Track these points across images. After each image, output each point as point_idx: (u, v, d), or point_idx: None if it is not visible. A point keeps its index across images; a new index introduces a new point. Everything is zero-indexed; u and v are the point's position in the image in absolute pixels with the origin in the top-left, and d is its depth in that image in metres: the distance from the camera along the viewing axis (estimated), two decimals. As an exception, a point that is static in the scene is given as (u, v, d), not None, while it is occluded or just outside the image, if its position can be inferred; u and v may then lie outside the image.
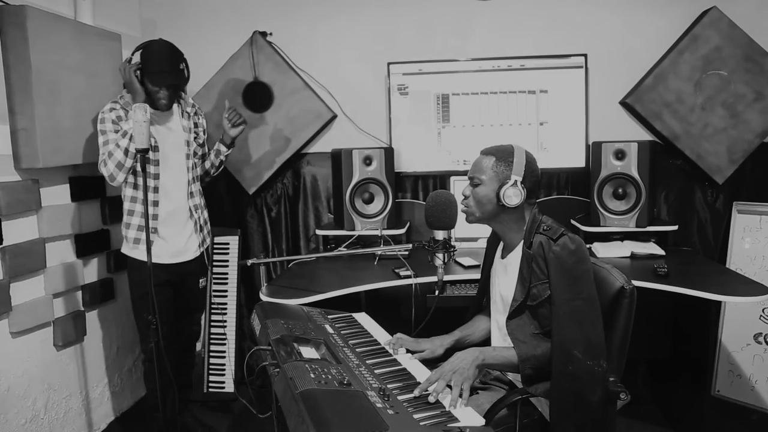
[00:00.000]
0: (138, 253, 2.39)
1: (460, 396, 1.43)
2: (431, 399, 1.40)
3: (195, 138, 2.52)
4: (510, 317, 1.64)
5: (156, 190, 2.37)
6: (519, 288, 1.63)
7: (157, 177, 2.37)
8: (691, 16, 2.90)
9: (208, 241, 2.60)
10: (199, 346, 2.91)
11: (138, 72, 2.26)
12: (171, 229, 2.42)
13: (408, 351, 1.75)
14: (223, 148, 2.62)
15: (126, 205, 2.38)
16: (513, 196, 1.63)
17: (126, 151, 2.21)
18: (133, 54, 2.30)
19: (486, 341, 1.89)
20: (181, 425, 2.60)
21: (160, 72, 2.26)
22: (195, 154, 2.52)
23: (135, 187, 2.36)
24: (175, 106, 2.43)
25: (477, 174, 1.70)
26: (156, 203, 2.37)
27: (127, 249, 2.42)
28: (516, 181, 1.63)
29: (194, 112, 2.53)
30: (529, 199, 1.67)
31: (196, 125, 2.54)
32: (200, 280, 2.59)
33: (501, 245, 1.81)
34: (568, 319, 1.52)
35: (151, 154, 2.32)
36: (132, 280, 2.45)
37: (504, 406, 1.58)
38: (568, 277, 1.55)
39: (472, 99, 3.02)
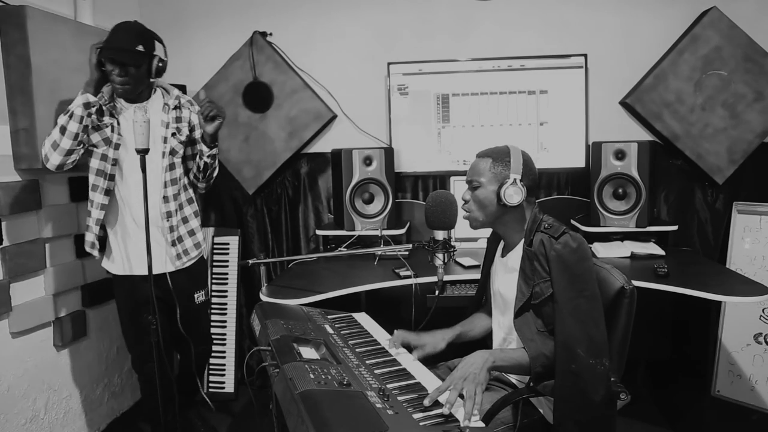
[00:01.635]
0: (111, 266, 2.26)
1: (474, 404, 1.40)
2: (445, 411, 1.34)
3: (175, 134, 2.24)
4: (516, 315, 1.64)
5: (106, 192, 2.17)
6: (522, 286, 1.64)
7: (111, 178, 2.17)
8: (691, 16, 2.90)
9: (193, 254, 2.34)
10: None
11: (98, 50, 2.08)
12: (135, 236, 2.19)
13: (409, 346, 1.75)
14: (204, 148, 2.25)
15: (88, 205, 2.23)
16: (514, 194, 1.63)
17: (63, 129, 2.02)
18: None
19: (486, 337, 1.90)
20: (182, 425, 2.59)
21: (111, 49, 2.05)
22: (174, 152, 2.24)
23: (92, 187, 2.19)
24: (153, 97, 2.23)
25: (475, 177, 1.70)
26: (104, 206, 2.18)
27: (104, 263, 2.29)
28: (515, 179, 1.64)
29: (175, 105, 2.25)
30: (529, 198, 1.67)
31: (179, 120, 2.26)
32: (195, 295, 2.37)
33: (501, 244, 1.81)
34: (571, 318, 1.52)
35: (108, 151, 2.14)
36: (115, 298, 2.33)
37: (504, 407, 1.58)
38: (570, 275, 1.55)
39: (472, 99, 3.02)
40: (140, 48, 2.08)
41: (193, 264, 2.37)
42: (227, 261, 3.13)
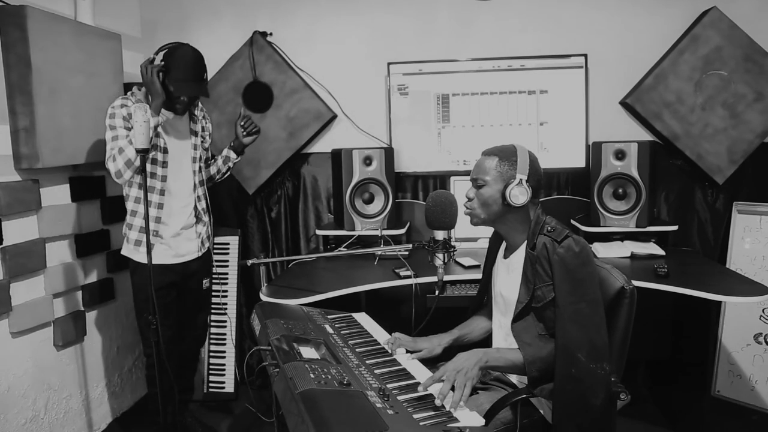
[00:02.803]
0: (140, 255, 2.35)
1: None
2: (437, 402, 1.39)
3: (202, 142, 2.50)
4: (515, 319, 1.64)
5: (162, 192, 2.33)
6: (523, 289, 1.63)
7: (164, 179, 2.33)
8: (691, 16, 2.90)
9: (207, 244, 2.55)
10: (200, 346, 2.90)
11: (160, 74, 2.20)
12: (174, 231, 2.38)
13: (406, 351, 1.75)
14: (232, 155, 2.60)
15: (129, 206, 2.35)
16: (519, 195, 1.62)
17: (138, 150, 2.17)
18: (156, 54, 2.23)
19: (484, 340, 1.89)
20: (181, 426, 2.60)
21: (185, 80, 2.23)
22: (201, 157, 2.49)
23: (140, 187, 2.31)
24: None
25: (481, 175, 1.69)
26: (161, 205, 2.33)
27: (127, 251, 2.39)
28: (521, 179, 1.63)
29: (202, 116, 2.51)
30: (533, 199, 1.67)
31: (203, 129, 2.51)
32: (203, 281, 2.56)
33: (503, 245, 1.80)
34: (571, 322, 1.52)
35: (159, 156, 2.30)
36: (135, 283, 2.42)
37: (504, 407, 1.58)
38: (572, 279, 1.55)
39: (472, 99, 3.02)
40: (205, 76, 2.32)
41: (204, 253, 2.53)
42: (227, 261, 3.13)
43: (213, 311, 3.09)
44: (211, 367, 3.08)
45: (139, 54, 3.06)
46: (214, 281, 3.08)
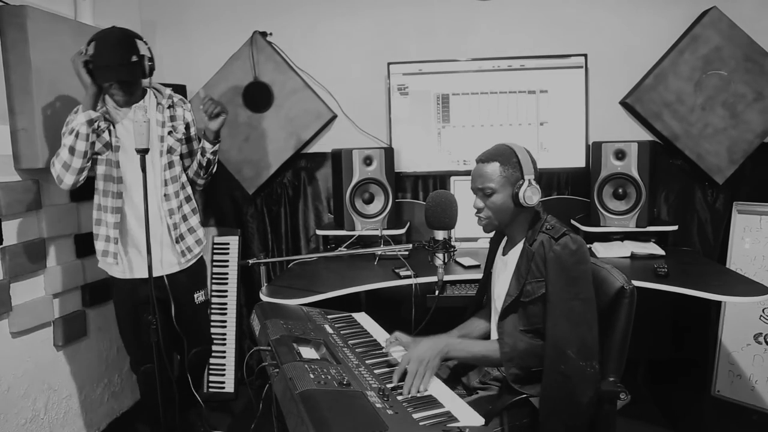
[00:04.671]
0: (109, 267, 2.27)
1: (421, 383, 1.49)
2: (404, 393, 1.46)
3: (171, 133, 2.25)
4: (503, 313, 1.64)
5: (119, 195, 2.18)
6: (514, 283, 1.64)
7: (120, 180, 2.17)
8: (691, 16, 2.90)
9: (196, 250, 2.35)
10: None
11: (90, 65, 2.01)
12: (138, 238, 2.19)
13: (405, 350, 1.75)
14: (207, 145, 2.31)
15: (93, 214, 2.23)
16: (532, 195, 1.62)
17: (72, 150, 2.03)
18: (88, 45, 2.04)
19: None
20: (182, 425, 2.59)
21: (107, 66, 2.01)
22: (172, 150, 2.26)
23: (103, 193, 2.19)
24: (146, 98, 2.23)
25: (486, 183, 1.66)
26: (118, 209, 2.18)
27: (102, 264, 2.28)
28: (530, 180, 1.63)
29: (170, 104, 2.27)
30: None
31: (173, 118, 2.27)
32: (195, 295, 2.37)
33: (503, 242, 1.80)
34: (563, 319, 1.52)
35: (110, 155, 2.16)
36: (113, 299, 2.33)
37: (503, 406, 1.58)
38: (566, 276, 1.55)
39: (472, 99, 3.01)
40: (134, 58, 2.05)
41: (193, 264, 2.38)
42: (227, 261, 3.13)
43: (213, 311, 3.09)
44: (211, 367, 3.08)
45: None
46: (214, 281, 3.08)
